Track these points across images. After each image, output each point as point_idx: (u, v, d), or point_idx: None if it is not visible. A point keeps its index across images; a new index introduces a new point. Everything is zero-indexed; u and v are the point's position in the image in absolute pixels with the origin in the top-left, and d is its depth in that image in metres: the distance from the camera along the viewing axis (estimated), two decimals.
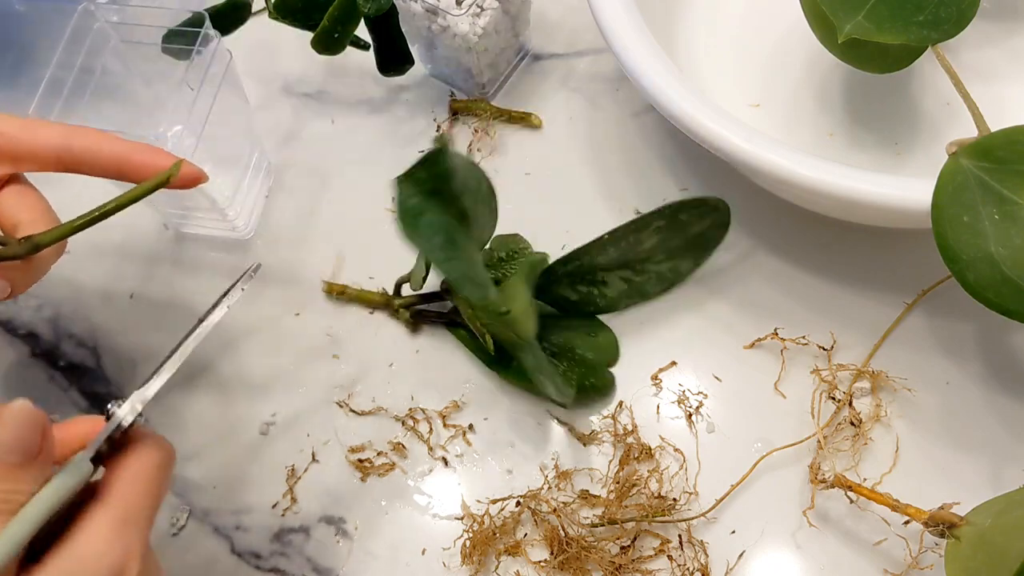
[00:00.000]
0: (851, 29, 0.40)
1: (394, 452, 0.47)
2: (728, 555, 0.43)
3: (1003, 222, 0.35)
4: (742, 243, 0.50)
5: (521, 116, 0.56)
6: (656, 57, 0.45)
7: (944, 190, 0.37)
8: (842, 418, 0.45)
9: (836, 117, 0.51)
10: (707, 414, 0.46)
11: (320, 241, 0.54)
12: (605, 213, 0.52)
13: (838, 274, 0.49)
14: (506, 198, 0.52)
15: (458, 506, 0.45)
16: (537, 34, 0.59)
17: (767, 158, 0.41)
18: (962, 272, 0.36)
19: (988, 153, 0.36)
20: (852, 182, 0.40)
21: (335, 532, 0.46)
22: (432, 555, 0.44)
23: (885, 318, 0.48)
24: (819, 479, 0.43)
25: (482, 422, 0.48)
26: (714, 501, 0.43)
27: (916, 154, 0.49)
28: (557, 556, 0.43)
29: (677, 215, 0.46)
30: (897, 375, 0.46)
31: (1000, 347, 0.47)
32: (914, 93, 0.51)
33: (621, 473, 0.45)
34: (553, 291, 0.48)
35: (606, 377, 0.47)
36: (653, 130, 0.55)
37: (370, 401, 0.48)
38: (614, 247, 0.46)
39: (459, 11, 0.51)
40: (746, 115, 0.51)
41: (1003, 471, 0.44)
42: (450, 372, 0.49)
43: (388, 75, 0.55)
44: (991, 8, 0.52)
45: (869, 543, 0.43)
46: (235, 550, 0.46)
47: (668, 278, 0.49)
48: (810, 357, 0.47)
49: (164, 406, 0.49)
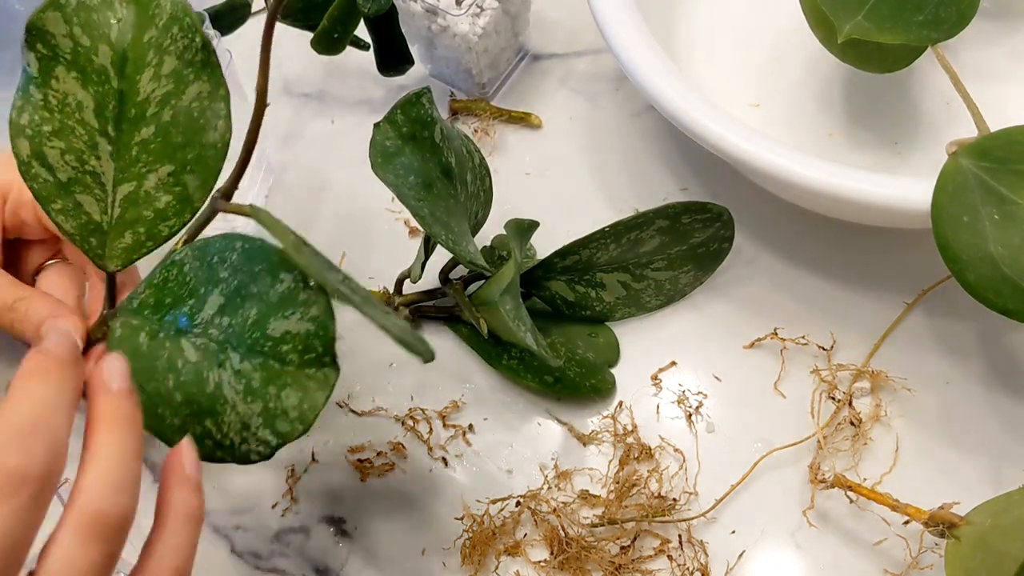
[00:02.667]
0: (851, 29, 0.40)
1: (394, 452, 0.47)
2: (728, 555, 0.43)
3: (1003, 222, 0.36)
4: (742, 243, 0.50)
5: (521, 116, 0.56)
6: (656, 57, 0.45)
7: (944, 190, 0.37)
8: (842, 418, 0.45)
9: (836, 117, 0.51)
10: (707, 414, 0.46)
11: (320, 241, 0.53)
12: (605, 213, 0.52)
13: (838, 274, 0.49)
14: (506, 198, 0.52)
15: (458, 506, 0.45)
16: (537, 34, 0.59)
17: (767, 158, 0.41)
18: (962, 272, 0.36)
19: (988, 153, 0.37)
20: (852, 182, 0.40)
21: (335, 532, 0.46)
22: (432, 555, 0.44)
23: (885, 318, 0.48)
24: (819, 479, 0.43)
25: (482, 422, 0.48)
26: (714, 501, 0.43)
27: (916, 154, 0.49)
28: (557, 556, 0.43)
29: (680, 217, 0.46)
30: (897, 375, 0.46)
31: (1000, 347, 0.47)
32: (914, 93, 0.51)
33: (621, 473, 0.45)
34: (550, 288, 0.48)
35: (606, 377, 0.47)
36: (653, 130, 0.55)
37: (370, 401, 0.48)
38: (614, 243, 0.46)
39: (459, 11, 0.51)
40: (746, 115, 0.51)
41: (1003, 471, 0.44)
42: (450, 372, 0.49)
43: (388, 75, 0.55)
44: (991, 8, 0.52)
45: (869, 543, 0.43)
46: (235, 550, 0.46)
47: (667, 290, 0.49)
48: (810, 357, 0.47)
49: None
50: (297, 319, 0.32)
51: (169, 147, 0.36)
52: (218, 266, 0.33)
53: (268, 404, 0.32)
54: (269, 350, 0.32)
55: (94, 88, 0.35)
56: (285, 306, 0.32)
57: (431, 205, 0.41)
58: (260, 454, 0.33)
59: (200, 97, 0.36)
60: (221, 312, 0.33)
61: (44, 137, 0.35)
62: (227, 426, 0.33)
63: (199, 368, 0.33)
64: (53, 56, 0.35)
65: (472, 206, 0.45)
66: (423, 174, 0.41)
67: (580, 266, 0.47)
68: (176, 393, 0.33)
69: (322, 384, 0.32)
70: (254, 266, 0.33)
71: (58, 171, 0.35)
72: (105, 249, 0.36)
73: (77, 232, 0.36)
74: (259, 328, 0.32)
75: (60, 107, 0.35)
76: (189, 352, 0.33)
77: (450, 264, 0.48)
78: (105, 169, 0.36)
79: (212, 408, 0.33)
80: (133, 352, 0.33)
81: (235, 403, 0.32)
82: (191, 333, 0.33)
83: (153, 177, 0.36)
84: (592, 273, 0.47)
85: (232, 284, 0.33)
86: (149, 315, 0.34)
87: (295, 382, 0.32)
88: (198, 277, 0.34)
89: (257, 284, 0.33)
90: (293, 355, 0.32)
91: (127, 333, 0.34)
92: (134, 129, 0.36)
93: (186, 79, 0.36)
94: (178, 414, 0.33)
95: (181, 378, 0.33)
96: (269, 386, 0.32)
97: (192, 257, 0.34)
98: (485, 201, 0.47)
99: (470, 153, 0.45)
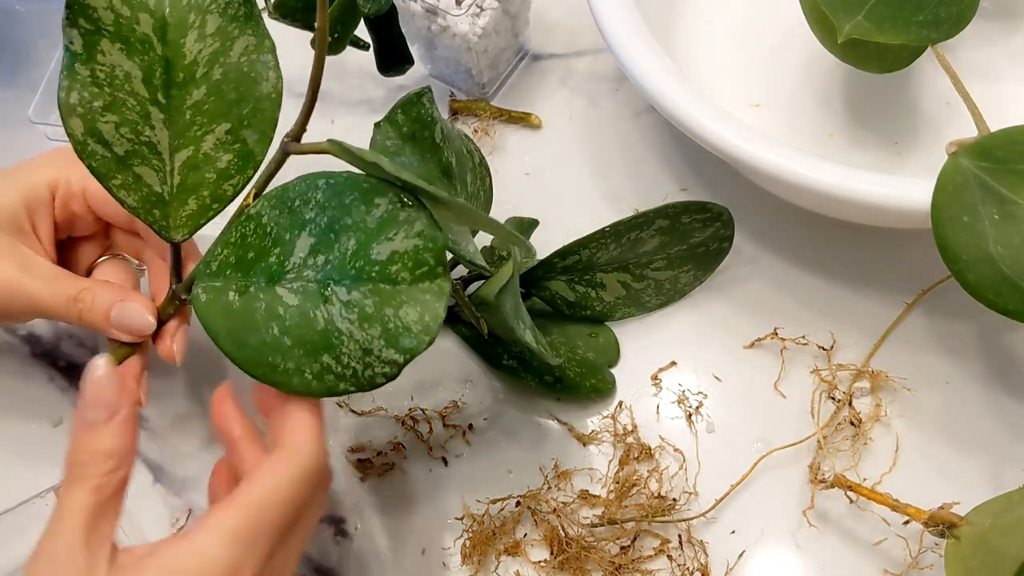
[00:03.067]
0: (851, 29, 0.40)
1: (394, 452, 0.47)
2: (728, 555, 0.43)
3: (1003, 222, 0.35)
4: (742, 243, 0.50)
5: (521, 116, 0.56)
6: (656, 57, 0.45)
7: (944, 190, 0.37)
8: (842, 418, 0.45)
9: (836, 117, 0.51)
10: (707, 414, 0.46)
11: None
12: (605, 213, 0.52)
13: (838, 274, 0.49)
14: (506, 198, 0.52)
15: (458, 506, 0.45)
16: (537, 34, 0.59)
17: (767, 158, 0.41)
18: (962, 272, 0.36)
19: (988, 153, 0.36)
20: (852, 182, 0.40)
21: (335, 532, 0.46)
22: (432, 555, 0.44)
23: (885, 318, 0.48)
24: (819, 479, 0.43)
25: (482, 422, 0.48)
26: (714, 501, 0.43)
27: (916, 154, 0.49)
28: (557, 556, 0.43)
29: (680, 216, 0.46)
30: (897, 375, 0.46)
31: (1000, 347, 0.47)
32: (914, 93, 0.51)
33: (621, 473, 0.45)
34: (550, 288, 0.48)
35: (606, 377, 0.47)
36: (653, 130, 0.55)
37: (370, 401, 0.48)
38: (615, 243, 0.46)
39: (459, 11, 0.51)
40: (746, 115, 0.51)
41: (1003, 471, 0.44)
42: (450, 372, 0.49)
43: (388, 75, 0.55)
44: (991, 8, 0.52)
45: (869, 543, 0.43)
46: None
47: (667, 290, 0.49)
48: (810, 357, 0.47)
49: (164, 404, 0.49)
50: (403, 238, 0.32)
51: (224, 105, 0.36)
52: (302, 208, 0.33)
53: (387, 326, 0.32)
54: (377, 274, 0.32)
55: (139, 57, 0.35)
56: (387, 228, 0.32)
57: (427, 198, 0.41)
58: (387, 375, 0.32)
59: (248, 51, 0.36)
60: (314, 252, 0.33)
61: (97, 113, 0.35)
62: (347, 356, 0.32)
63: (303, 310, 0.33)
64: (96, 30, 0.35)
65: (472, 206, 0.45)
66: (423, 174, 0.41)
67: (580, 266, 0.47)
68: (284, 338, 0.33)
69: (438, 294, 0.32)
70: (344, 198, 0.33)
71: (114, 145, 0.35)
72: (170, 220, 0.36)
73: (140, 205, 0.36)
74: (361, 256, 0.32)
75: (109, 80, 0.35)
76: (288, 298, 0.33)
77: (450, 264, 0.48)
78: (160, 138, 0.36)
79: (327, 343, 0.33)
80: (225, 311, 0.34)
81: (351, 332, 0.32)
82: (284, 279, 0.33)
83: (211, 138, 0.36)
84: (592, 273, 0.47)
85: (321, 222, 0.33)
86: (232, 274, 0.34)
87: (411, 298, 0.32)
88: (280, 224, 0.34)
89: (351, 215, 0.33)
90: (404, 273, 0.32)
91: (212, 296, 0.34)
92: (184, 93, 0.36)
93: (231, 35, 0.36)
94: (291, 357, 0.33)
95: (287, 323, 0.33)
96: (385, 308, 0.32)
97: (270, 207, 0.34)
98: (485, 201, 0.47)
99: (470, 153, 0.45)
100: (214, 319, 0.34)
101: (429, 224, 0.32)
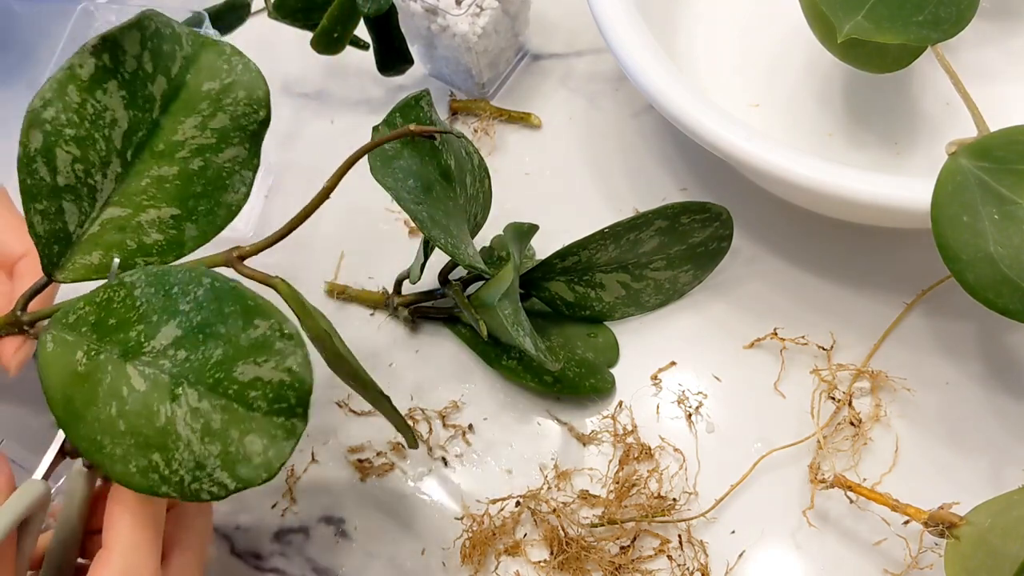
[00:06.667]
0: (851, 29, 0.40)
1: (394, 452, 0.47)
2: (728, 555, 0.43)
3: (1003, 222, 0.35)
4: (742, 243, 0.50)
5: (521, 116, 0.56)
6: (656, 57, 0.45)
7: (944, 190, 0.37)
8: (842, 418, 0.45)
9: (836, 117, 0.51)
10: (707, 414, 0.46)
11: (320, 241, 0.54)
12: (605, 213, 0.52)
13: (838, 274, 0.49)
14: (506, 198, 0.52)
15: (458, 506, 0.45)
16: (537, 34, 0.59)
17: (767, 158, 0.41)
18: (962, 272, 0.36)
19: (988, 153, 0.36)
20: (852, 182, 0.40)
21: (335, 532, 0.46)
22: (432, 555, 0.44)
23: (885, 318, 0.48)
24: (819, 479, 0.43)
25: (482, 422, 0.48)
26: (714, 501, 0.43)
27: (916, 154, 0.49)
28: (557, 556, 0.43)
29: (679, 217, 0.46)
30: (897, 375, 0.46)
31: (1000, 347, 0.47)
32: (914, 93, 0.51)
33: (621, 473, 0.45)
34: (549, 288, 0.48)
35: (606, 377, 0.47)
36: (653, 130, 0.55)
37: None
38: (614, 244, 0.46)
39: (459, 11, 0.51)
40: (746, 115, 0.51)
41: (1003, 471, 0.44)
42: (450, 372, 0.49)
43: (388, 75, 0.55)
44: (991, 8, 0.52)
45: (869, 543, 0.43)
46: (235, 550, 0.46)
47: (666, 290, 0.49)
48: (810, 357, 0.47)
49: None
50: (271, 368, 0.31)
51: (185, 192, 0.36)
52: (179, 297, 0.32)
53: (228, 448, 0.31)
54: (234, 394, 0.31)
55: (134, 112, 0.35)
56: (258, 352, 0.31)
57: (430, 208, 0.41)
58: (212, 495, 0.31)
59: (235, 160, 0.36)
60: (177, 345, 0.32)
61: (63, 139, 0.34)
62: (177, 463, 0.31)
63: (148, 400, 0.31)
64: (112, 70, 0.34)
65: (471, 208, 0.45)
66: (422, 177, 0.41)
67: (579, 267, 0.47)
68: (120, 421, 0.31)
69: (289, 433, 0.31)
70: (224, 306, 0.31)
71: (60, 175, 0.34)
72: (63, 260, 0.36)
73: (45, 235, 0.35)
74: (223, 369, 0.31)
75: (94, 118, 0.35)
76: (136, 381, 0.31)
77: (449, 265, 0.48)
78: (104, 188, 0.36)
79: (162, 443, 0.31)
80: (68, 370, 0.32)
81: (190, 442, 0.31)
82: (139, 360, 0.32)
83: (154, 212, 0.36)
84: (591, 273, 0.47)
85: (194, 319, 0.32)
86: (88, 333, 0.33)
87: (260, 428, 0.31)
88: (151, 304, 0.32)
89: (226, 325, 0.31)
90: (262, 402, 0.31)
91: (61, 349, 0.33)
92: (154, 163, 0.36)
93: (231, 140, 0.36)
94: (120, 443, 0.31)
95: (127, 407, 0.31)
96: (231, 429, 0.31)
97: (146, 282, 0.33)
98: (484, 203, 0.47)
99: (469, 155, 0.45)
100: (55, 375, 0.32)
101: (302, 364, 0.31)
